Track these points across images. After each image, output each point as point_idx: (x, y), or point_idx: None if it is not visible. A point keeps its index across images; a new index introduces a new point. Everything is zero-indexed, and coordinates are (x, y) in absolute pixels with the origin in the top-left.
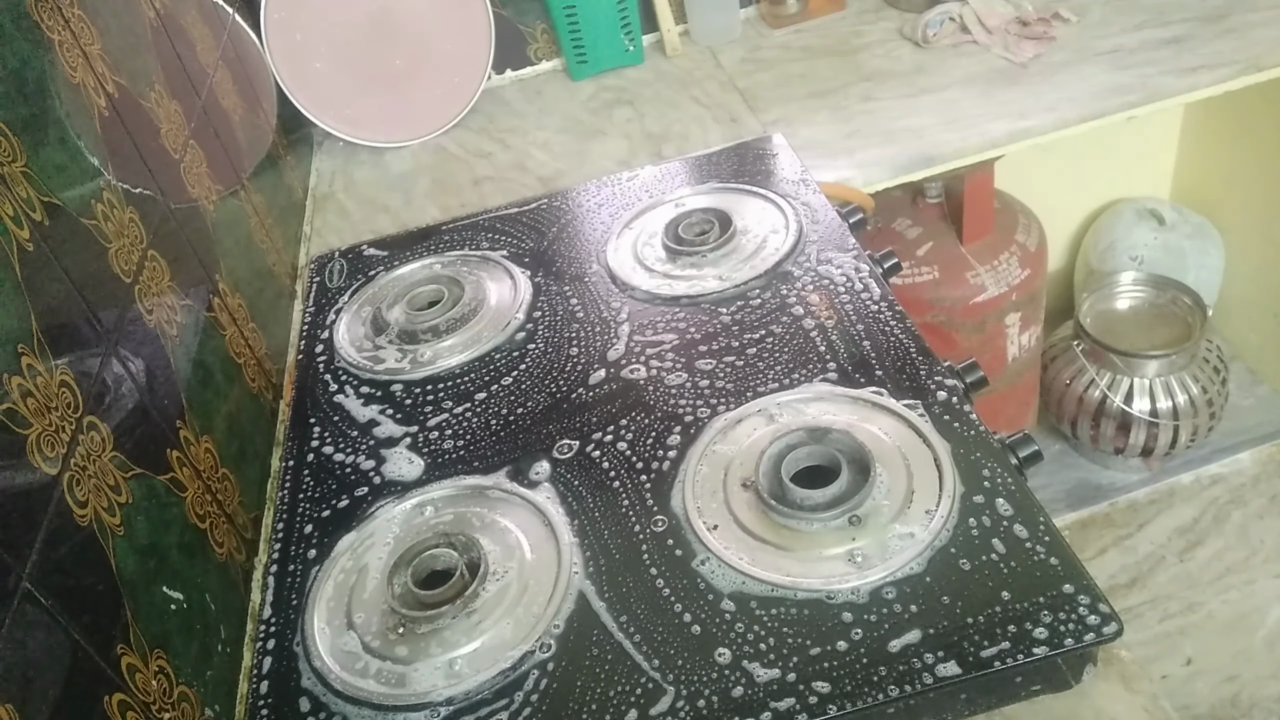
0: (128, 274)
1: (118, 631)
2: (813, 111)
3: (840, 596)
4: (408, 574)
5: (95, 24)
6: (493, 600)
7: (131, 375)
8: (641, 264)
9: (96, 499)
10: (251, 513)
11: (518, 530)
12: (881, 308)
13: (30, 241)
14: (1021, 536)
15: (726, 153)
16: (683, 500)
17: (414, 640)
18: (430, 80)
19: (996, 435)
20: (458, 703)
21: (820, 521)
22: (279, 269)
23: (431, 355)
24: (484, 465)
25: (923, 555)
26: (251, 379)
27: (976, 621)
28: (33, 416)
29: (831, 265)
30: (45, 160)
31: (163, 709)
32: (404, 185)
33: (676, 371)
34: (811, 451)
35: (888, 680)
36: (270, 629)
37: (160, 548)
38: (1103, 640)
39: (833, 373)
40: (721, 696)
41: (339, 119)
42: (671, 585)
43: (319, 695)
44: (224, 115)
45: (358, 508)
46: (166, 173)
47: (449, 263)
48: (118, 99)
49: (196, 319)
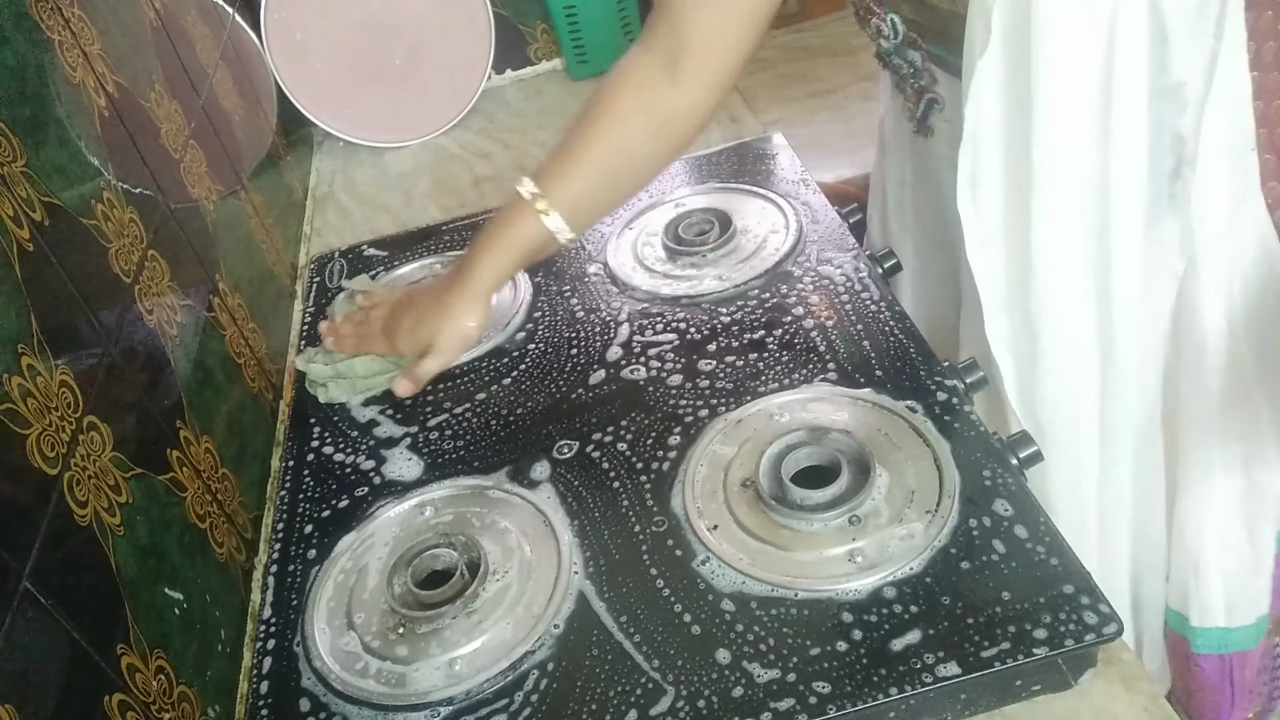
0: (128, 274)
1: (118, 631)
2: (813, 111)
3: (840, 597)
4: (408, 574)
5: (95, 24)
6: (493, 600)
7: (131, 375)
8: (641, 264)
9: (96, 499)
10: (251, 513)
11: (518, 530)
12: (881, 308)
13: (30, 241)
14: (1021, 536)
15: (726, 153)
16: (683, 500)
17: (414, 640)
18: (430, 80)
19: (996, 435)
20: (458, 703)
21: (820, 521)
22: (279, 269)
23: None
24: (484, 465)
25: (923, 555)
26: (251, 379)
27: (976, 622)
28: (33, 416)
29: (831, 265)
30: (45, 160)
31: (163, 709)
32: (404, 185)
33: (676, 372)
34: (811, 451)
35: (888, 681)
36: (270, 629)
37: (160, 548)
38: (1103, 640)
39: (833, 373)
40: (721, 697)
41: (339, 119)
42: (671, 585)
43: (319, 695)
44: (224, 115)
45: (358, 508)
46: (166, 173)
47: (449, 263)
48: (118, 99)
49: (196, 319)
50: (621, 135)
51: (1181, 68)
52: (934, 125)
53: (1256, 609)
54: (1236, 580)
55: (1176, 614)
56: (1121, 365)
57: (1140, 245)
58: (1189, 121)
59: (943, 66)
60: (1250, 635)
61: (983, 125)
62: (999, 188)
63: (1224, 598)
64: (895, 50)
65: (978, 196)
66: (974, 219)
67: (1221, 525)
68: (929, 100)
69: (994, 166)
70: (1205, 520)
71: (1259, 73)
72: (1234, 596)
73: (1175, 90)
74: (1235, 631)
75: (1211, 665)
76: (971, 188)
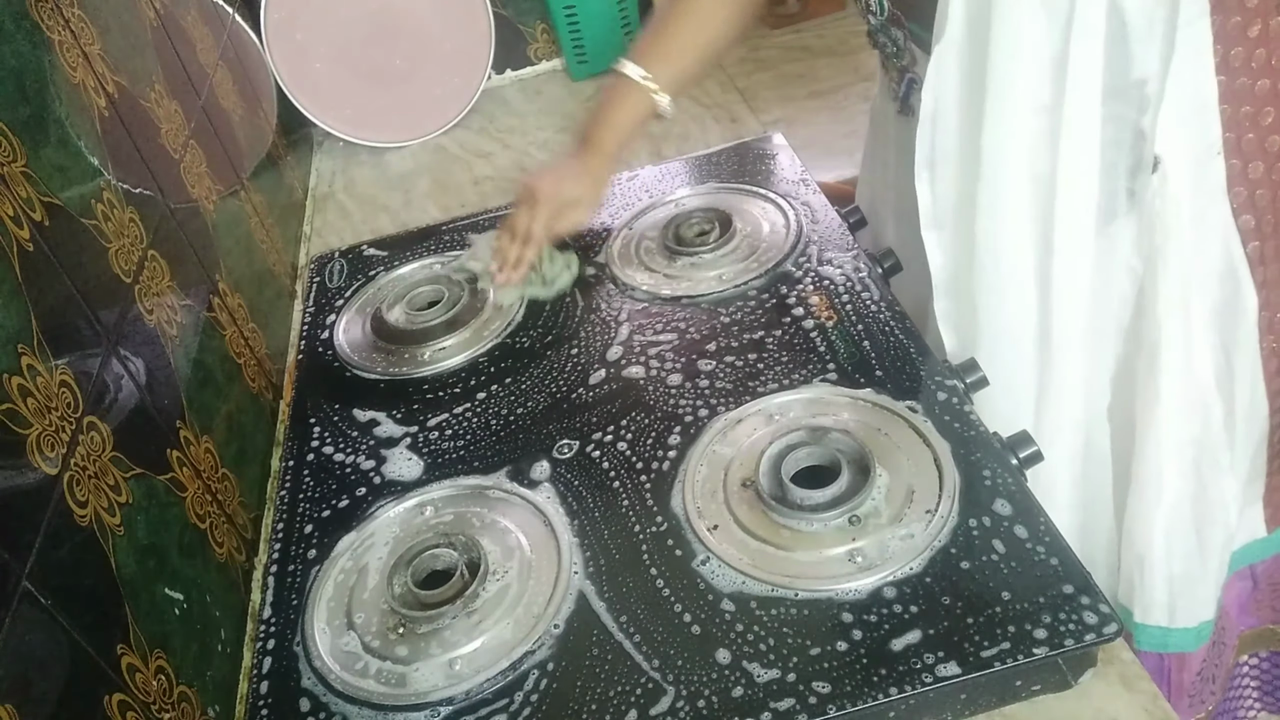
0: (128, 274)
1: (118, 631)
2: (813, 111)
3: (840, 597)
4: (408, 574)
5: (95, 24)
6: (493, 600)
7: (131, 375)
8: (642, 264)
9: (96, 499)
10: (251, 513)
11: (518, 530)
12: (881, 308)
13: (30, 241)
14: (1021, 536)
15: (726, 152)
16: (683, 500)
17: (414, 640)
18: (430, 80)
19: (996, 435)
20: (458, 703)
21: (820, 521)
22: (279, 269)
23: (431, 355)
24: (484, 465)
25: (923, 555)
26: (251, 379)
27: (976, 621)
28: (33, 416)
29: (831, 265)
30: (45, 160)
31: (163, 709)
32: (404, 185)
33: (676, 372)
34: (811, 451)
35: (888, 681)
36: (270, 629)
37: (160, 548)
38: (1103, 640)
39: (833, 373)
40: (721, 697)
41: (339, 119)
42: (671, 585)
43: (319, 695)
44: (224, 115)
45: (358, 508)
46: (166, 173)
47: (449, 263)
48: (118, 99)
49: (196, 319)
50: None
51: (1143, 66)
52: (914, 105)
53: (1199, 614)
54: (1181, 583)
55: (1123, 608)
56: (1059, 356)
57: (1090, 240)
58: (1149, 120)
59: (922, 46)
60: (1190, 638)
61: (940, 108)
62: (952, 170)
63: (1167, 598)
64: (881, 28)
65: (934, 177)
66: (929, 199)
67: (1169, 527)
68: (910, 80)
69: (948, 149)
70: (1154, 520)
71: (1226, 77)
72: (1176, 598)
73: (1136, 87)
74: (1176, 632)
75: (1150, 664)
76: (929, 168)
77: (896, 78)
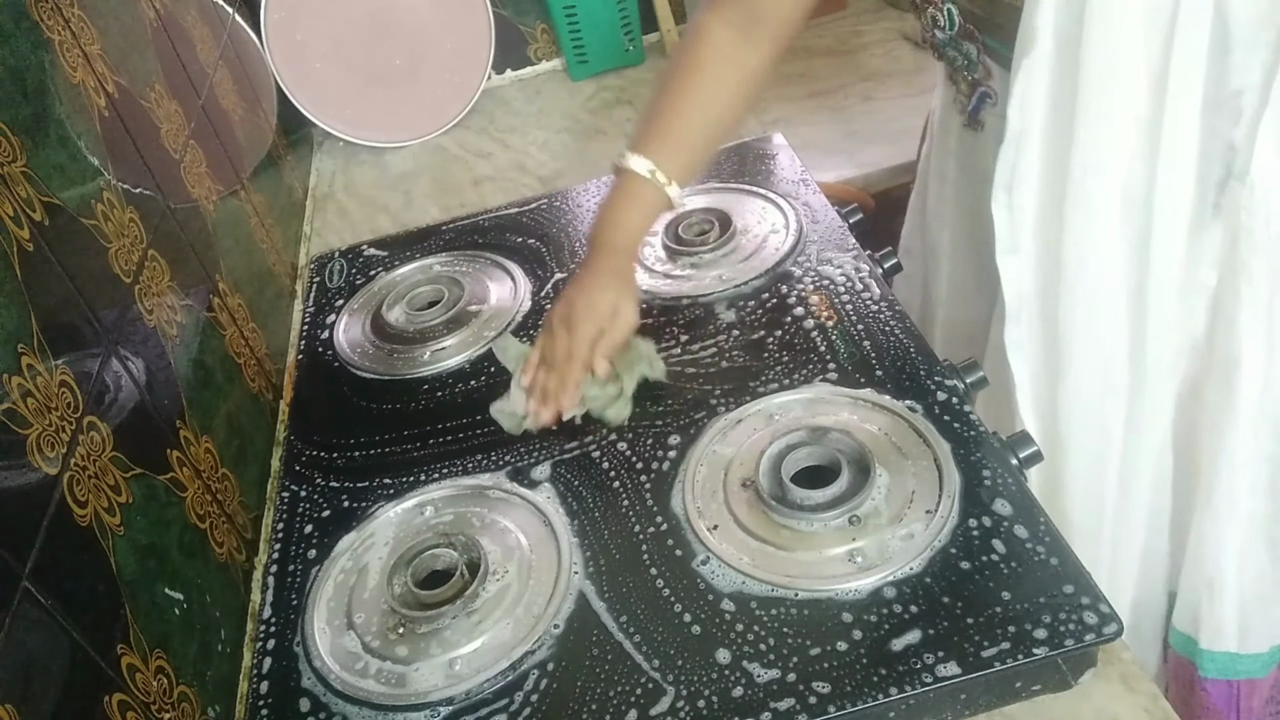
0: (128, 274)
1: (118, 631)
2: (813, 111)
3: (840, 597)
4: (408, 574)
5: (95, 24)
6: (493, 600)
7: (131, 375)
8: (641, 264)
9: (96, 499)
10: (251, 513)
11: (518, 530)
12: (881, 308)
13: (30, 241)
14: (1021, 536)
15: (726, 153)
16: (683, 500)
17: (414, 640)
18: (430, 80)
19: (996, 435)
20: (458, 703)
21: (820, 521)
22: (279, 269)
23: (431, 355)
24: (484, 465)
25: (922, 555)
26: (251, 379)
27: (976, 622)
28: (33, 416)
29: (831, 265)
30: (45, 160)
31: (163, 709)
32: (404, 185)
33: (676, 371)
34: (811, 451)
35: (888, 680)
36: (270, 629)
37: (160, 548)
38: (1103, 640)
39: (833, 373)
40: (721, 696)
41: (339, 119)
42: (671, 585)
43: (319, 695)
44: (224, 115)
45: (358, 507)
46: (166, 173)
47: (449, 263)
48: (118, 99)
49: (196, 319)
50: (716, 101)
51: (1240, 77)
52: (984, 119)
53: (1271, 637)
54: (1253, 604)
55: (1184, 636)
56: (1152, 378)
57: (1183, 255)
58: (1242, 132)
59: (998, 60)
60: (1262, 664)
61: (1026, 127)
62: (1034, 192)
63: (1238, 622)
64: (950, 42)
65: (1013, 200)
66: (1006, 222)
67: (1242, 546)
68: (982, 94)
69: (1032, 171)
70: (1226, 540)
71: None
72: (1249, 621)
73: (1231, 99)
74: (1246, 658)
75: (1219, 691)
76: (1008, 190)
77: (967, 91)
